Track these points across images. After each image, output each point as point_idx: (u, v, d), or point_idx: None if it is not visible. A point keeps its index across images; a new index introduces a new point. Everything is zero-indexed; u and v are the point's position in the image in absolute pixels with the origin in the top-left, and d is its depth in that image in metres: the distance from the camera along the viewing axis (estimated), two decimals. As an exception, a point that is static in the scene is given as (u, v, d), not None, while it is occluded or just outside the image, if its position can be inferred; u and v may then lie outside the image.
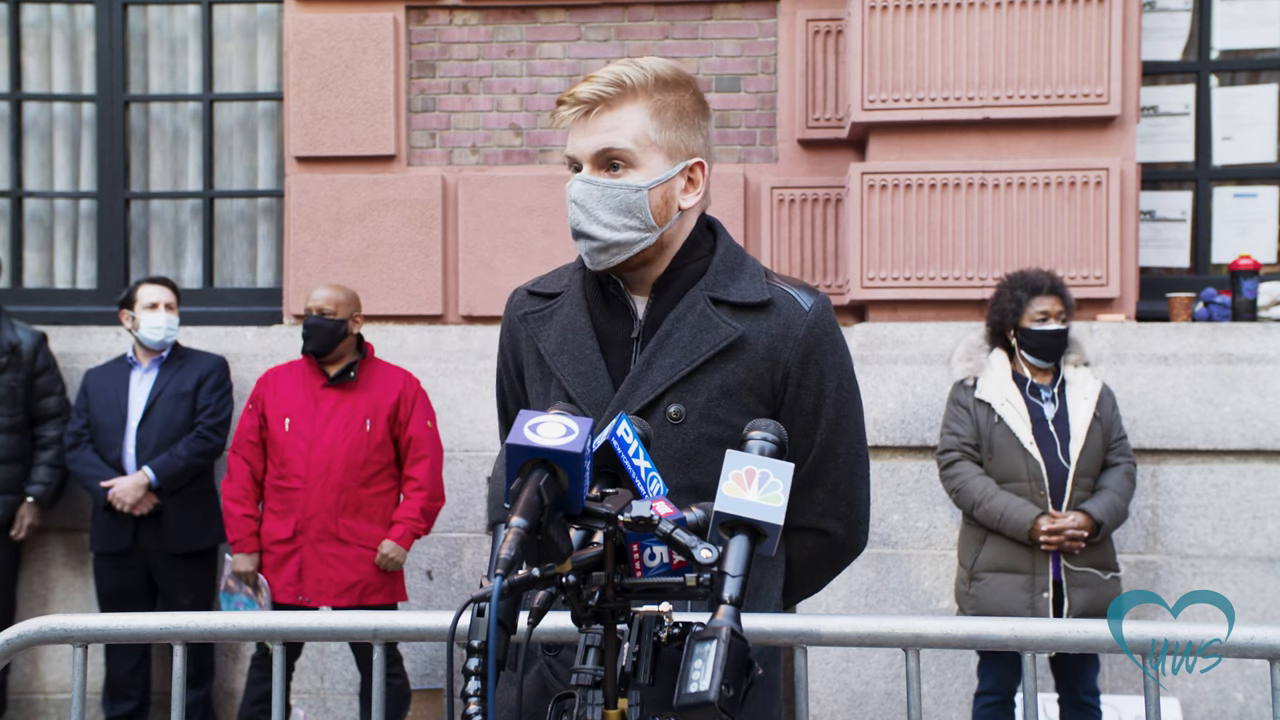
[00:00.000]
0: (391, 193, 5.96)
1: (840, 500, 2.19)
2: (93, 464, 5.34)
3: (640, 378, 2.09)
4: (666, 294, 2.14)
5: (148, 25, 6.34)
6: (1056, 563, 4.47)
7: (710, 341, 2.08)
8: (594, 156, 2.08)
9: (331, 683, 5.68)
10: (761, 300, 2.11)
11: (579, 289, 2.19)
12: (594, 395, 2.10)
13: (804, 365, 2.11)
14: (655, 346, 2.10)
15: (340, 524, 4.93)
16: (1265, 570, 5.06)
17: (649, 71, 2.08)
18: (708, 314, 2.10)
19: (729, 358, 2.08)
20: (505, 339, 2.30)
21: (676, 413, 2.07)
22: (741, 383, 2.08)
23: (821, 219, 5.79)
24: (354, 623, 2.54)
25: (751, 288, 2.12)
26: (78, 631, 2.48)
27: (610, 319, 2.16)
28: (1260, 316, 5.34)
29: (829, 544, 2.22)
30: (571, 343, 2.15)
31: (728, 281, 2.13)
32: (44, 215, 6.44)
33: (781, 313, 2.11)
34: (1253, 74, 5.94)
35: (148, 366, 5.43)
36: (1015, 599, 4.45)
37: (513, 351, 2.27)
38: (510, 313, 2.29)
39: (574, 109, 2.08)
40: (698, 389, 2.07)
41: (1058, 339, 4.59)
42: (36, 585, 5.84)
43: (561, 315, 2.18)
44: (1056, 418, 4.59)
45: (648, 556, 1.64)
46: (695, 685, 1.46)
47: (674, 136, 2.10)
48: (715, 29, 5.93)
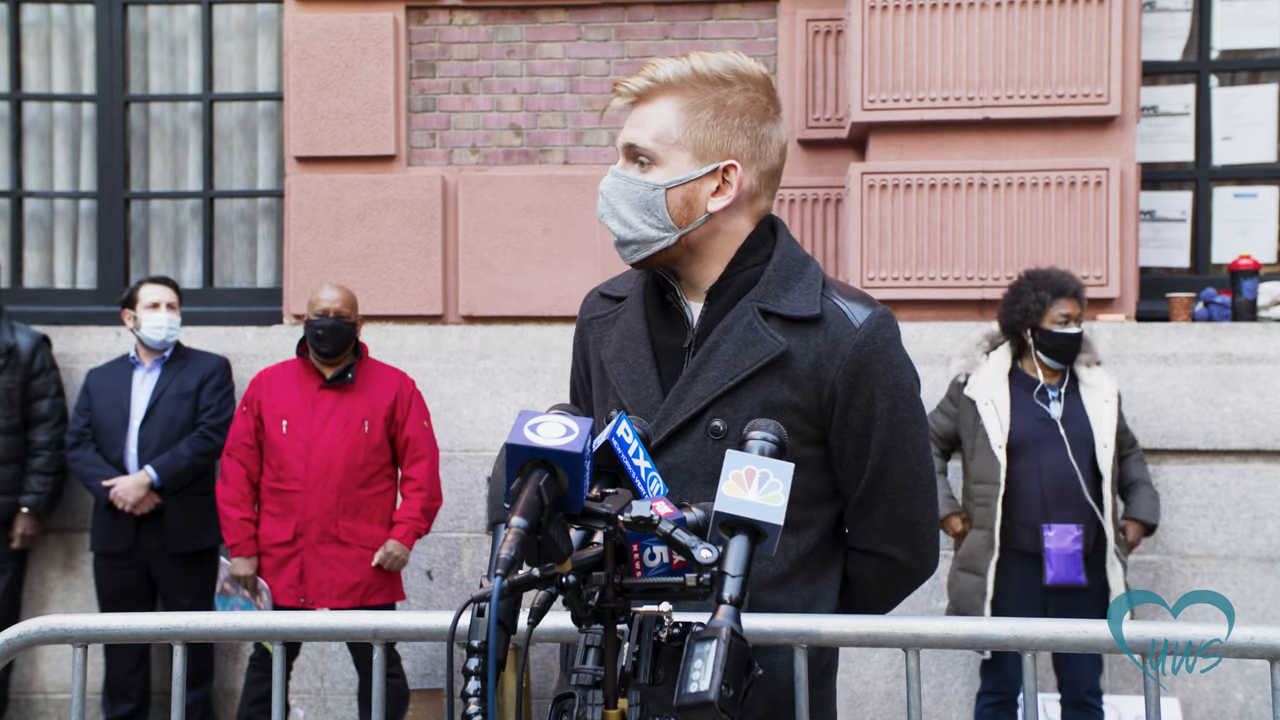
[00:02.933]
0: (391, 193, 5.96)
1: (899, 524, 2.10)
2: (94, 463, 5.34)
3: (685, 390, 2.03)
4: (719, 302, 2.06)
5: (148, 25, 6.34)
6: (1052, 567, 4.47)
7: (754, 356, 1.99)
8: (624, 150, 2.06)
9: (331, 683, 5.68)
10: (812, 315, 2.01)
11: (639, 294, 2.15)
12: (644, 405, 2.05)
13: (852, 385, 2.00)
14: (702, 358, 2.03)
15: (340, 525, 4.93)
16: (1265, 570, 5.06)
17: (688, 66, 2.01)
18: (754, 326, 2.01)
19: (773, 373, 2.00)
20: (577, 341, 2.27)
21: (718, 428, 2.00)
22: (786, 400, 2.00)
23: (821, 219, 5.79)
24: (353, 623, 2.54)
25: (804, 300, 2.02)
26: (78, 631, 2.47)
27: (666, 326, 2.10)
28: (1260, 316, 5.34)
29: (894, 568, 2.15)
30: (628, 350, 2.11)
31: (780, 292, 2.04)
32: (44, 215, 6.44)
33: (830, 329, 2.00)
34: (1253, 74, 5.94)
35: (150, 366, 5.43)
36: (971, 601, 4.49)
37: (583, 354, 2.25)
38: (581, 315, 2.26)
39: (623, 99, 2.06)
40: (741, 404, 2.00)
41: (1075, 342, 4.59)
42: (36, 586, 5.84)
43: (623, 321, 2.15)
44: (1065, 418, 4.57)
45: (648, 556, 1.64)
46: (695, 685, 1.46)
47: (705, 136, 2.01)
48: (715, 29, 5.92)
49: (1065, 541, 4.44)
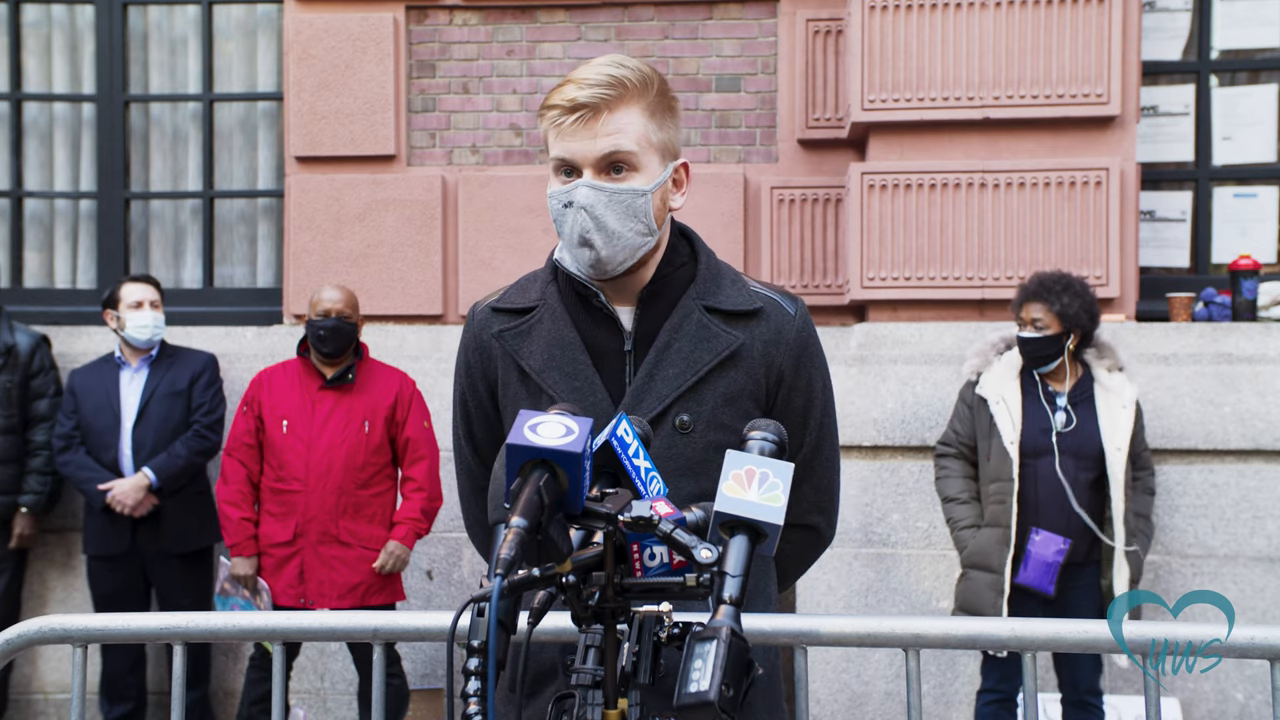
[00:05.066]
0: (391, 193, 5.96)
1: (824, 495, 2.24)
2: (86, 466, 5.29)
3: (644, 389, 2.07)
4: (656, 304, 2.11)
5: (148, 25, 6.35)
6: (1027, 569, 4.46)
7: (713, 350, 2.09)
8: (598, 160, 2.01)
9: (331, 683, 5.68)
10: (753, 308, 2.13)
11: (558, 302, 2.14)
12: (592, 410, 2.05)
13: (795, 369, 2.15)
14: (655, 358, 2.08)
15: (340, 526, 4.92)
16: (1265, 570, 5.06)
17: (638, 71, 2.04)
18: (705, 323, 2.10)
19: (730, 365, 2.09)
20: (474, 359, 2.20)
21: (684, 423, 2.07)
22: (742, 389, 2.10)
23: (821, 219, 5.79)
24: (353, 623, 2.54)
25: (740, 295, 2.14)
26: (77, 631, 2.48)
27: (597, 331, 2.11)
28: (1260, 316, 5.34)
29: (813, 537, 2.27)
30: (561, 358, 2.10)
31: (715, 289, 2.14)
32: (44, 215, 6.44)
33: (771, 319, 2.14)
34: (1253, 74, 5.94)
35: (137, 366, 5.39)
36: (984, 598, 4.46)
37: (484, 371, 2.20)
38: (476, 333, 2.20)
39: (578, 113, 2.00)
40: (703, 398, 2.08)
41: (1036, 347, 4.52)
42: (35, 586, 5.84)
43: (544, 330, 2.13)
44: (1068, 431, 4.51)
45: (648, 556, 1.64)
46: (695, 685, 1.46)
47: (664, 137, 2.07)
48: (715, 29, 5.93)
49: (1048, 551, 4.43)
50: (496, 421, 2.21)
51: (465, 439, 2.29)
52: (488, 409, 2.22)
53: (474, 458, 2.29)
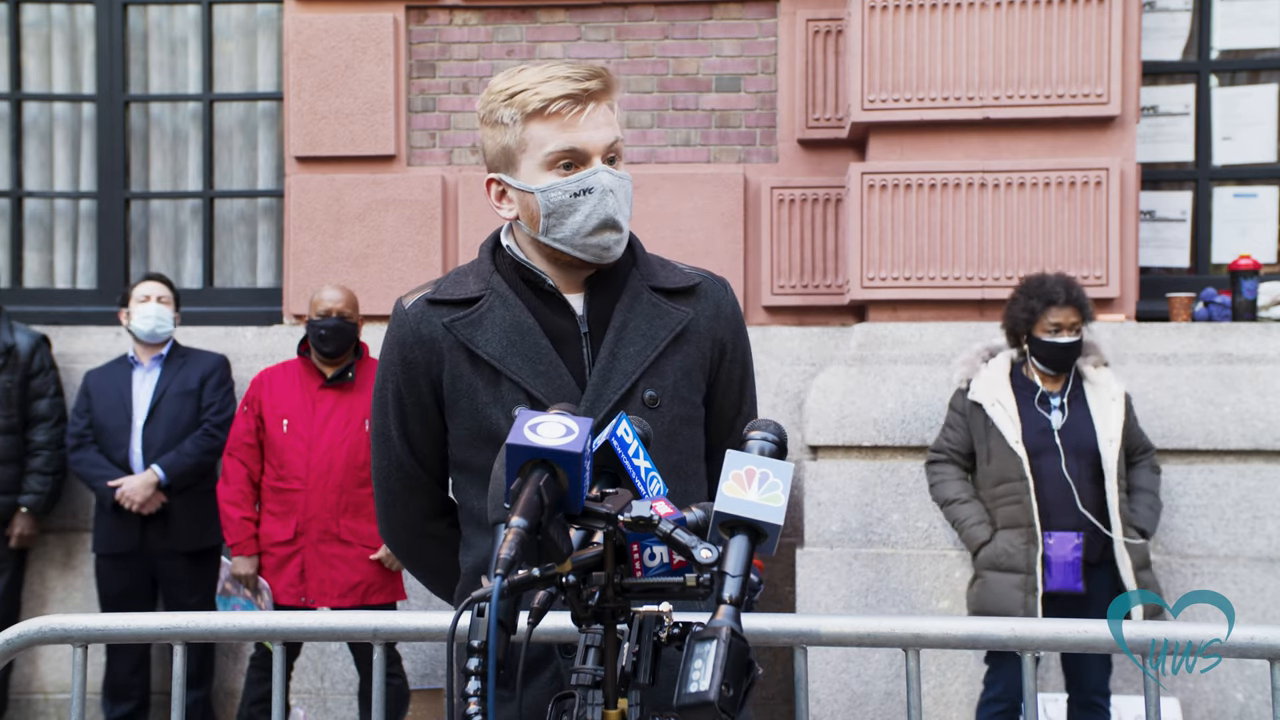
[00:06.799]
0: (391, 193, 5.96)
1: None
2: (98, 464, 5.33)
3: (610, 369, 2.13)
4: (604, 287, 2.18)
5: (148, 25, 6.34)
6: (1051, 574, 4.46)
7: (668, 326, 2.18)
8: (605, 149, 2.11)
9: (331, 683, 5.68)
10: (690, 285, 2.23)
11: (507, 290, 2.17)
12: (559, 393, 2.10)
13: (734, 339, 2.28)
14: (615, 337, 2.15)
15: (341, 525, 4.93)
16: (1265, 570, 5.05)
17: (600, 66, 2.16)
18: (655, 302, 2.19)
19: (683, 340, 2.19)
20: (414, 354, 2.18)
21: (651, 398, 2.14)
22: (695, 363, 2.20)
23: (821, 219, 5.79)
24: (354, 623, 2.54)
25: (676, 274, 2.25)
26: (77, 631, 2.48)
27: (551, 316, 2.17)
28: (1260, 316, 5.34)
29: None
30: (522, 343, 2.13)
31: (657, 270, 2.24)
32: (44, 215, 6.44)
33: (708, 295, 2.25)
34: (1253, 74, 5.94)
35: (149, 365, 5.42)
36: (1009, 599, 4.46)
37: (426, 367, 2.17)
38: (414, 326, 2.18)
39: (588, 104, 2.08)
40: (664, 372, 2.16)
41: (1067, 351, 4.56)
42: (35, 586, 5.84)
43: (497, 317, 2.15)
44: (1065, 429, 4.56)
45: (648, 556, 1.64)
46: (695, 685, 1.46)
47: None
48: (715, 29, 5.92)
49: (1065, 550, 4.45)
50: (437, 417, 2.21)
51: (400, 437, 2.25)
52: (427, 404, 2.21)
53: (410, 457, 2.26)
